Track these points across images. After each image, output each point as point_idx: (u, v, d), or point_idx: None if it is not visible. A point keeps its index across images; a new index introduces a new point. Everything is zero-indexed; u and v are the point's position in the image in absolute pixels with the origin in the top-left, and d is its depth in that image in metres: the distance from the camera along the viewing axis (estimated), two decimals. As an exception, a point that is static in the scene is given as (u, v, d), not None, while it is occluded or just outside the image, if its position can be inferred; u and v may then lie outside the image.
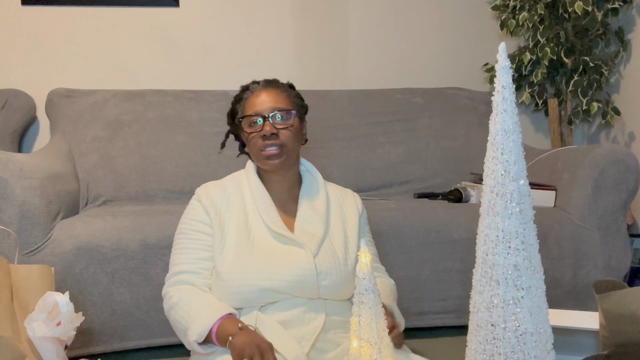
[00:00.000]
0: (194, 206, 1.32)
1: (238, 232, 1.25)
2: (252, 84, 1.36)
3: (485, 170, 0.85)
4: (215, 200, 1.30)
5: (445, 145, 2.40)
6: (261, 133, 1.26)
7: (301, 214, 1.29)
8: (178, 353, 1.70)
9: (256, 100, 1.30)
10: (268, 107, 1.28)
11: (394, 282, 1.40)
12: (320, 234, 1.27)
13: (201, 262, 1.25)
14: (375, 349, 0.94)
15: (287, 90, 1.35)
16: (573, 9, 2.25)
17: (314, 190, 1.35)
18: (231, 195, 1.31)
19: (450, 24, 2.74)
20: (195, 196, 1.33)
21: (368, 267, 0.95)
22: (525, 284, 0.83)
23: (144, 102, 2.25)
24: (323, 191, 1.35)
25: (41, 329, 1.16)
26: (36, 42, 2.42)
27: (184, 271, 1.24)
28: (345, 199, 1.39)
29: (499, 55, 0.82)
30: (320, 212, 1.31)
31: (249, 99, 1.32)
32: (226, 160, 2.19)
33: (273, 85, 1.34)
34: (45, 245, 1.59)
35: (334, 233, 1.30)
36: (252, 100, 1.31)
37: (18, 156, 1.64)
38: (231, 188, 1.33)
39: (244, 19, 2.57)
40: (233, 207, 1.29)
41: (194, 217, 1.30)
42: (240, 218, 1.28)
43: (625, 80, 2.57)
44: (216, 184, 1.35)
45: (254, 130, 1.28)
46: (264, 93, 1.30)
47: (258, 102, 1.29)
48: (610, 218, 1.87)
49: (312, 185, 1.36)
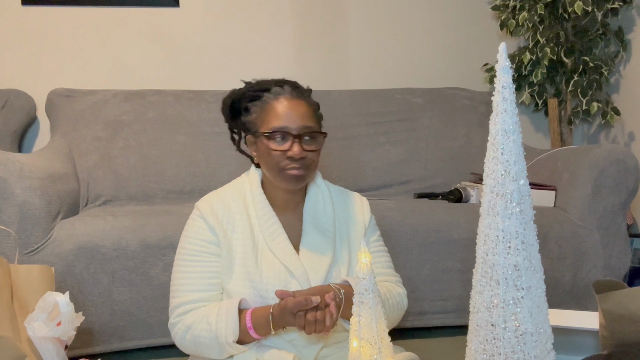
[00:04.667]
0: (199, 224, 1.20)
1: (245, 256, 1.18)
2: (275, 85, 1.21)
3: (485, 170, 0.85)
4: (221, 218, 1.20)
5: (445, 145, 2.40)
6: (288, 154, 1.15)
7: (306, 236, 1.22)
8: (178, 353, 1.69)
9: (283, 111, 1.17)
10: (298, 125, 1.16)
11: (404, 292, 1.29)
12: (327, 261, 1.20)
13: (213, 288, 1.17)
14: (375, 349, 0.94)
15: (312, 103, 1.23)
16: (573, 9, 2.25)
17: (319, 205, 1.27)
18: (236, 214, 1.22)
19: (450, 24, 2.74)
20: (198, 212, 1.22)
21: (368, 267, 0.95)
22: (525, 284, 0.83)
23: (144, 102, 2.25)
24: (329, 205, 1.27)
25: (41, 329, 1.16)
26: (36, 42, 2.42)
27: (195, 300, 1.16)
28: (352, 208, 1.31)
29: (499, 55, 0.82)
30: (326, 233, 1.23)
31: (272, 106, 1.18)
32: (226, 160, 2.19)
33: (301, 97, 1.21)
34: (45, 245, 1.59)
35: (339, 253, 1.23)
36: (277, 109, 1.17)
37: (18, 156, 1.64)
38: (235, 204, 1.23)
39: (244, 19, 2.57)
40: (238, 227, 1.20)
41: (201, 237, 1.19)
42: (247, 240, 1.19)
43: (625, 80, 2.57)
44: (218, 197, 1.24)
45: (280, 148, 1.16)
46: (292, 104, 1.18)
47: (285, 115, 1.16)
48: (610, 218, 1.87)
49: (318, 198, 1.28)
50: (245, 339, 1.12)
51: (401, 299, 1.27)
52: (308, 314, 1.05)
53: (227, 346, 1.11)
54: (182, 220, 1.33)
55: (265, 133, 1.17)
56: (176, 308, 1.17)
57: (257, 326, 1.11)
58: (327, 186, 1.31)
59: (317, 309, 1.06)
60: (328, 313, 1.06)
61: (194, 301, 1.16)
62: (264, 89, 1.22)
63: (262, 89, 1.22)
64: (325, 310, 1.06)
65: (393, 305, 1.23)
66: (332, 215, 1.26)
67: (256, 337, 1.12)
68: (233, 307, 1.12)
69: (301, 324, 1.05)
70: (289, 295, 1.08)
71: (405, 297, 1.29)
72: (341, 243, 1.25)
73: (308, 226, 1.24)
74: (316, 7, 2.62)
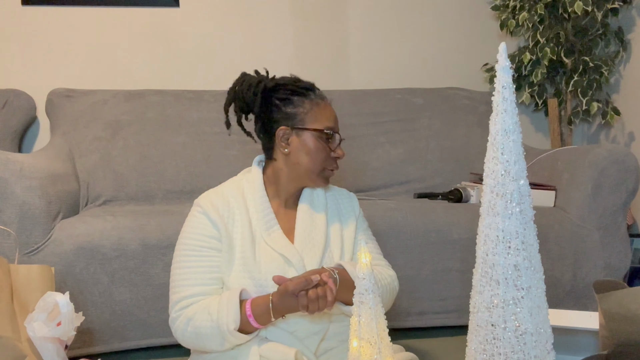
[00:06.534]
0: (200, 220, 1.21)
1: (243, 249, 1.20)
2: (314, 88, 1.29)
3: (485, 170, 0.85)
4: (222, 213, 1.22)
5: (445, 145, 2.40)
6: (336, 154, 1.26)
7: (300, 226, 1.25)
8: (178, 353, 1.70)
9: (332, 115, 1.27)
10: (338, 128, 1.28)
11: (394, 274, 1.33)
12: (321, 246, 1.24)
13: (214, 283, 1.18)
14: (375, 349, 0.94)
15: None
16: (573, 9, 2.25)
17: (314, 197, 1.32)
18: (235, 209, 1.24)
19: (450, 24, 2.74)
20: (200, 209, 1.23)
21: (368, 267, 0.95)
22: (525, 284, 0.83)
23: (144, 102, 2.25)
24: (322, 197, 1.32)
25: (41, 329, 1.16)
26: (36, 42, 2.42)
27: (196, 294, 1.16)
28: (342, 202, 1.37)
29: (499, 55, 0.82)
30: (319, 222, 1.28)
31: (322, 107, 1.26)
32: (226, 160, 2.20)
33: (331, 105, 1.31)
34: (45, 245, 1.59)
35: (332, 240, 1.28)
36: (328, 111, 1.27)
37: (18, 156, 1.64)
38: (234, 199, 1.25)
39: (244, 19, 2.57)
40: (237, 222, 1.22)
41: (203, 232, 1.20)
42: (246, 234, 1.22)
43: (625, 80, 2.57)
44: (217, 193, 1.26)
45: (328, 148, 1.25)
46: (333, 111, 1.28)
47: (334, 119, 1.27)
48: (610, 218, 1.87)
49: (312, 191, 1.32)
50: (247, 328, 1.13)
51: (392, 281, 1.31)
52: (310, 292, 1.08)
53: (228, 334, 1.11)
54: (182, 220, 1.33)
55: (319, 130, 1.23)
56: (177, 303, 1.16)
57: (257, 314, 1.12)
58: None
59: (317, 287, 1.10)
60: (328, 288, 1.09)
61: (194, 295, 1.16)
62: (309, 88, 1.28)
63: (306, 87, 1.28)
64: (325, 287, 1.09)
65: (386, 286, 1.27)
66: (324, 205, 1.31)
67: (256, 325, 1.12)
68: (234, 295, 1.13)
69: (304, 303, 1.08)
70: (286, 280, 1.11)
71: (396, 279, 1.33)
72: (333, 229, 1.30)
73: (302, 215, 1.27)
74: (316, 7, 2.62)
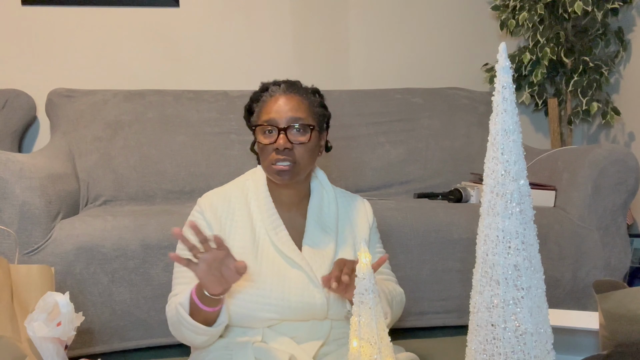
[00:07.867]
0: (196, 219, 1.23)
1: (243, 250, 1.18)
2: (273, 85, 1.25)
3: (485, 170, 0.85)
4: (219, 213, 1.22)
5: (445, 145, 2.40)
6: (274, 146, 1.17)
7: (309, 233, 1.23)
8: (178, 353, 1.70)
9: (274, 106, 1.20)
10: (285, 116, 1.18)
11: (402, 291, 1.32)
12: (330, 255, 1.21)
13: None
14: (375, 349, 0.94)
15: (309, 98, 1.24)
16: (573, 9, 2.25)
17: (324, 204, 1.28)
18: (236, 209, 1.23)
19: (450, 24, 2.74)
20: (198, 208, 1.24)
21: (368, 267, 0.95)
22: (525, 284, 0.83)
23: (144, 102, 2.25)
24: (333, 205, 1.28)
25: (41, 329, 1.16)
26: (36, 42, 2.42)
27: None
28: (355, 209, 1.32)
29: (499, 55, 0.82)
30: (329, 232, 1.25)
31: (267, 102, 1.22)
32: (226, 160, 2.20)
33: (294, 91, 1.23)
34: (45, 245, 1.59)
35: (341, 251, 1.24)
36: (270, 105, 1.21)
37: (18, 156, 1.64)
38: (236, 199, 1.24)
39: (244, 19, 2.57)
40: (238, 222, 1.22)
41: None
42: (247, 235, 1.21)
43: (625, 80, 2.57)
44: (219, 193, 1.26)
45: (267, 141, 1.19)
46: (283, 98, 1.20)
47: (275, 109, 1.19)
48: (610, 218, 1.87)
49: (322, 198, 1.29)
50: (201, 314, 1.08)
51: (402, 297, 1.32)
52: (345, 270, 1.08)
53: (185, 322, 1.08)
54: (182, 220, 1.33)
55: (254, 127, 1.23)
56: (168, 299, 1.19)
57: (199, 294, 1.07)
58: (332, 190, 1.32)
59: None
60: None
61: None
62: (265, 89, 1.26)
63: (262, 90, 1.26)
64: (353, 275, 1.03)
65: (398, 302, 1.27)
66: (335, 215, 1.28)
67: (203, 307, 1.07)
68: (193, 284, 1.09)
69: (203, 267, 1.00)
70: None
71: (404, 295, 1.33)
72: (344, 242, 1.26)
73: (311, 223, 1.25)
74: (316, 7, 2.62)
